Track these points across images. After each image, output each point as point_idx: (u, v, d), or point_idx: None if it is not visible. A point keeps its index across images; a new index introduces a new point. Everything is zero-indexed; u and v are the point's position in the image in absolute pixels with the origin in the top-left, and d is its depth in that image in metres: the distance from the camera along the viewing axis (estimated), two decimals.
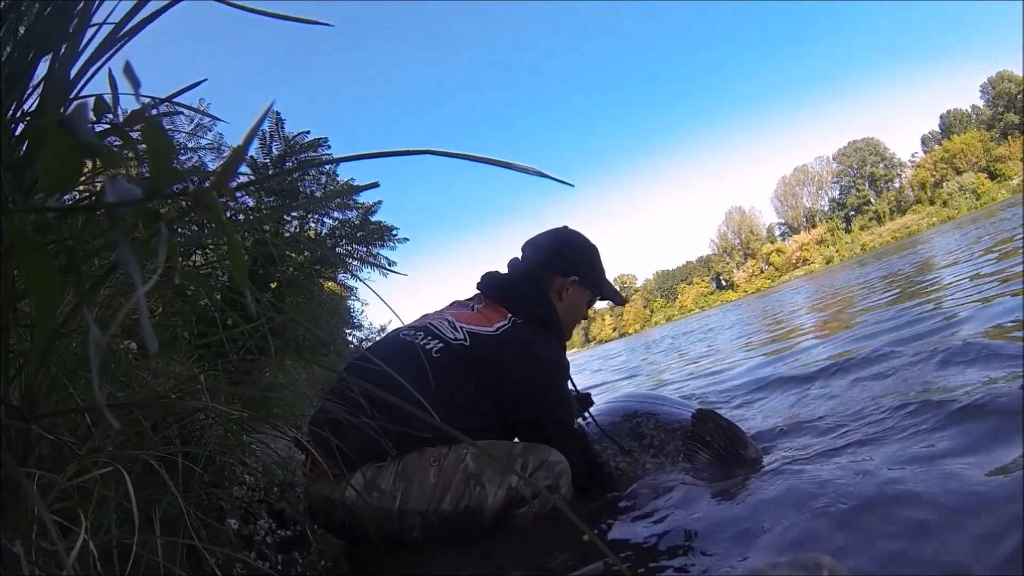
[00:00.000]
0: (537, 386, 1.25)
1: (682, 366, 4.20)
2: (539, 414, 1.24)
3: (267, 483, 0.92)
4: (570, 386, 1.36)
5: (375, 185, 0.35)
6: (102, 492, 0.54)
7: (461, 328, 1.27)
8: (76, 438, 0.60)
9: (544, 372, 1.27)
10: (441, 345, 1.23)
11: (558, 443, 1.18)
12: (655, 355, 6.82)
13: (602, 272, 1.47)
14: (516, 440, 1.23)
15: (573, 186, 0.50)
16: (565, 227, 1.47)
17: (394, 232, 3.74)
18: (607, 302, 1.52)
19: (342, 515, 1.06)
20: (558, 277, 1.38)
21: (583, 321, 1.49)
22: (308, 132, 3.54)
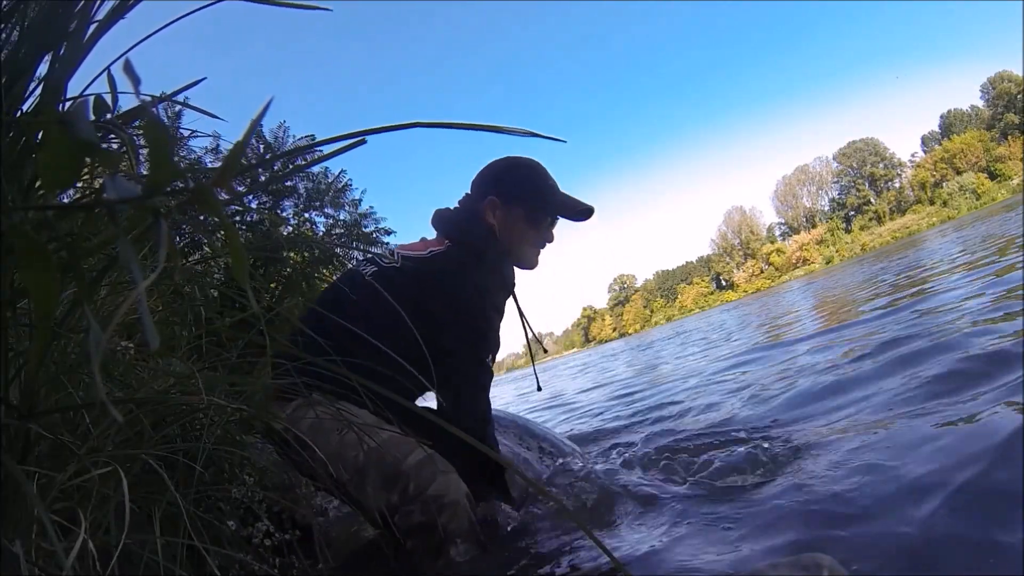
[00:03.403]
0: (455, 309, 1.17)
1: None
2: (452, 342, 1.15)
3: (266, 483, 0.92)
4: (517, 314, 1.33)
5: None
6: (102, 492, 0.54)
7: (397, 254, 1.26)
8: (76, 437, 0.60)
9: (465, 296, 1.19)
10: (375, 269, 1.22)
11: (458, 379, 1.13)
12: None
13: (539, 188, 1.36)
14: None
15: (565, 142, 0.51)
16: (507, 156, 1.42)
17: (381, 224, 3.73)
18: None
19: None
20: (488, 199, 1.33)
21: (541, 248, 1.39)
22: (287, 125, 3.57)
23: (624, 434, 1.93)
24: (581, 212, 1.38)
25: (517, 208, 1.33)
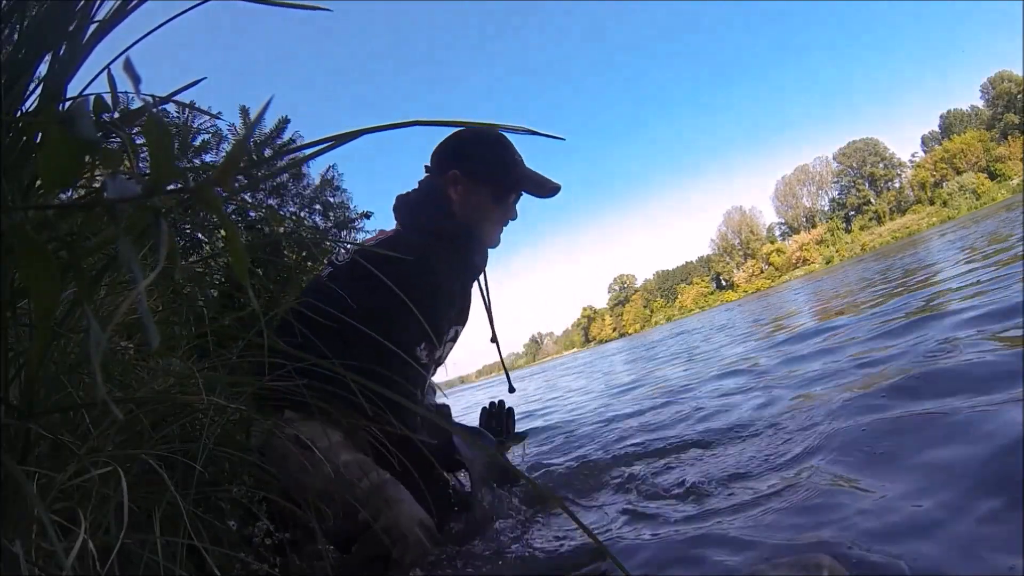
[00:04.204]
0: (393, 289, 1.00)
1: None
2: (387, 324, 1.00)
3: (265, 483, 0.92)
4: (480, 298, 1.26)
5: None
6: (102, 492, 0.54)
7: (349, 251, 1.21)
8: (76, 438, 0.60)
9: (403, 274, 1.04)
10: (330, 269, 1.17)
11: (390, 362, 0.99)
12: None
13: (506, 164, 1.27)
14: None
15: (564, 139, 0.50)
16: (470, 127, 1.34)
17: (358, 212, 3.70)
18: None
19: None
20: (450, 172, 1.25)
21: (500, 226, 1.31)
22: (288, 122, 3.54)
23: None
24: (549, 190, 1.31)
25: (483, 185, 1.25)
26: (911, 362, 1.55)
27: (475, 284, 1.36)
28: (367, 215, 3.59)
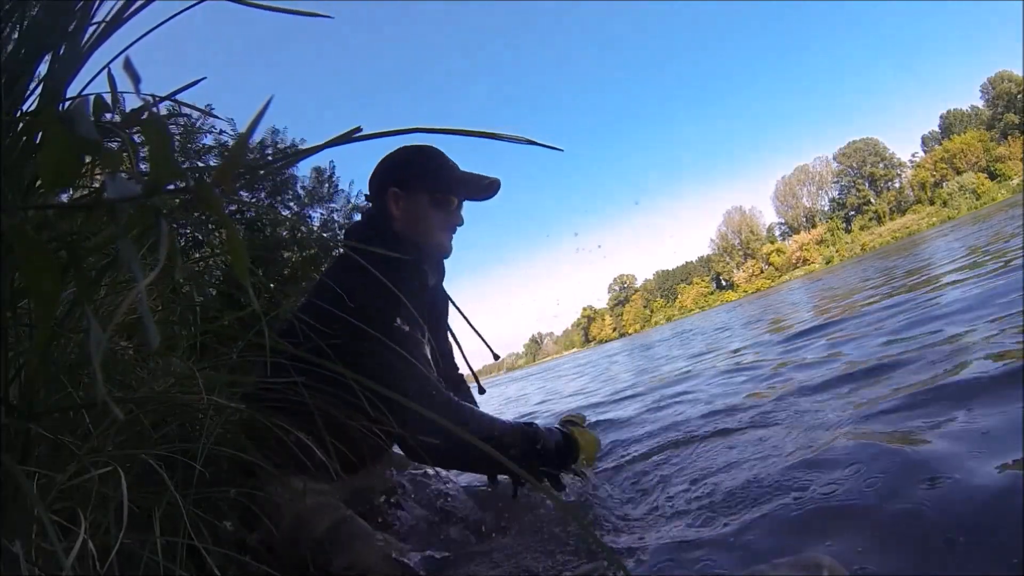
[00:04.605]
0: (345, 319, 0.95)
1: None
2: (357, 356, 0.91)
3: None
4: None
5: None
6: (102, 492, 0.54)
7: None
8: (76, 438, 0.60)
9: (356, 304, 1.00)
10: (303, 302, 1.16)
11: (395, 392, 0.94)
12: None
13: (438, 168, 1.29)
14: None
15: (562, 151, 0.51)
16: (399, 147, 1.35)
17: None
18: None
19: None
20: (389, 191, 1.26)
21: (449, 232, 1.30)
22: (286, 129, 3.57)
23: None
24: (485, 188, 1.33)
25: (420, 194, 1.26)
26: None
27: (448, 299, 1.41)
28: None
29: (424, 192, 1.26)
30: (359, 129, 0.34)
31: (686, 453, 1.37)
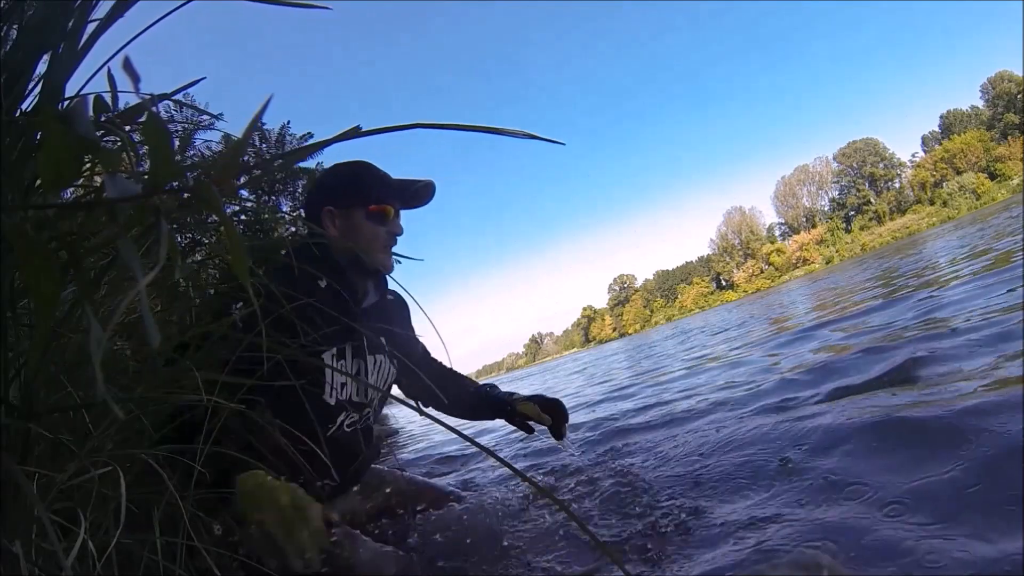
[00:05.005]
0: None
1: None
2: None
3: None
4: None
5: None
6: (101, 492, 0.54)
7: None
8: (76, 437, 0.60)
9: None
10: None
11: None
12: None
13: (370, 179, 1.27)
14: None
15: (564, 144, 0.49)
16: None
17: None
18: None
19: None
20: (324, 211, 1.24)
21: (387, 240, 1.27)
22: (289, 123, 3.55)
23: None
24: (419, 191, 1.31)
25: (355, 209, 1.24)
26: None
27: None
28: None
29: (359, 206, 1.24)
30: (359, 128, 0.34)
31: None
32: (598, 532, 0.99)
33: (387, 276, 1.31)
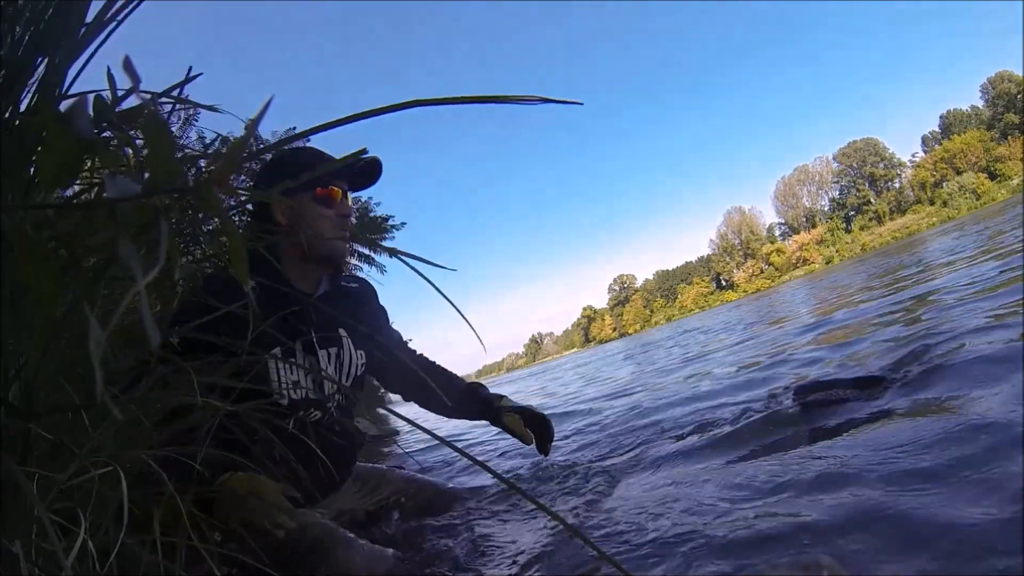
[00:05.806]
0: None
1: None
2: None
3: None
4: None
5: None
6: (101, 492, 0.54)
7: None
8: (76, 438, 0.60)
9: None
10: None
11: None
12: None
13: (311, 160, 1.23)
14: None
15: (582, 104, 0.44)
16: None
17: (390, 221, 3.68)
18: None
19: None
20: (272, 206, 1.21)
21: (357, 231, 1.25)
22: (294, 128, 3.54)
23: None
24: (365, 168, 1.26)
25: (302, 194, 1.20)
26: None
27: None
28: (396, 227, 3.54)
29: (305, 191, 1.20)
30: (357, 117, 0.34)
31: None
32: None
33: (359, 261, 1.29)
